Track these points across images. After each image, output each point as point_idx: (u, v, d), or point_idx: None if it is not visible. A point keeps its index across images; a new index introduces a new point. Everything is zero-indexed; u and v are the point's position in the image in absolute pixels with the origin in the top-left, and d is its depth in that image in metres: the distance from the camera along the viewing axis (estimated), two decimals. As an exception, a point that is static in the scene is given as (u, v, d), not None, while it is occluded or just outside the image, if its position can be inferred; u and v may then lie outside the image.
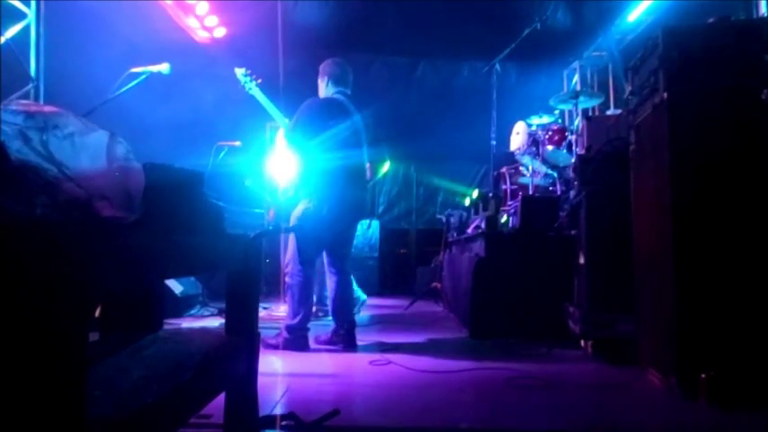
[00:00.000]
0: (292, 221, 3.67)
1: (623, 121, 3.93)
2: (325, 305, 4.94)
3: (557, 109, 6.09)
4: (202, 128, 5.63)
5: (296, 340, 3.51)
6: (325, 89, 3.86)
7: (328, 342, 3.65)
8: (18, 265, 0.74)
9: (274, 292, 5.74)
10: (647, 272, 2.83)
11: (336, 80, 3.84)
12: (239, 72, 3.93)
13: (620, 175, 3.14)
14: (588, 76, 7.73)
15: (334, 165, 3.61)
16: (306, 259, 3.62)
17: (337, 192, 3.59)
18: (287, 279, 3.68)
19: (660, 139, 2.57)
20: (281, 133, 3.82)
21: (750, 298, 2.33)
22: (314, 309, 4.86)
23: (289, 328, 3.54)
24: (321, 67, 3.92)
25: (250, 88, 3.90)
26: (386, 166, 4.16)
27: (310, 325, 3.67)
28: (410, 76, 8.07)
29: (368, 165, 3.96)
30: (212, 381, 1.36)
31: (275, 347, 3.49)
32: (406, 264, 8.39)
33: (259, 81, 3.89)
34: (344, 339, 3.61)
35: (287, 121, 3.82)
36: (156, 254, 1.11)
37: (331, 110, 3.69)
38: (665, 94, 2.51)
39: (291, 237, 3.68)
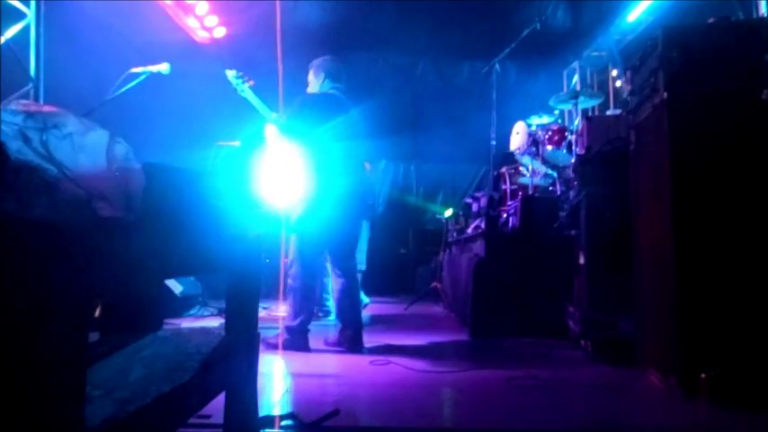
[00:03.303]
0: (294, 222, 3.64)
1: (623, 121, 3.92)
2: (325, 306, 4.95)
3: (556, 109, 6.08)
4: (202, 128, 5.63)
5: (296, 341, 3.51)
6: (320, 85, 3.81)
7: (335, 344, 3.63)
8: (18, 265, 0.74)
9: (274, 292, 5.73)
10: (647, 272, 2.83)
11: (333, 77, 3.81)
12: (230, 74, 3.81)
13: (620, 175, 3.13)
14: (588, 76, 7.73)
15: (333, 162, 3.57)
16: (307, 261, 3.59)
17: (336, 190, 3.55)
18: (289, 281, 3.63)
19: (660, 140, 2.57)
20: (272, 128, 3.64)
21: (751, 298, 2.33)
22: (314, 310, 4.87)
23: (289, 330, 3.54)
24: (316, 64, 3.87)
25: (242, 90, 3.80)
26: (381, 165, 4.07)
27: (311, 326, 3.67)
28: (410, 75, 8.06)
29: (366, 163, 3.94)
30: (212, 381, 1.36)
31: (275, 347, 3.49)
32: (406, 264, 8.38)
33: (251, 83, 3.79)
34: (350, 340, 3.58)
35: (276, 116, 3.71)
36: (156, 254, 1.11)
37: (330, 105, 3.66)
38: (665, 94, 2.51)
39: (293, 238, 3.63)
